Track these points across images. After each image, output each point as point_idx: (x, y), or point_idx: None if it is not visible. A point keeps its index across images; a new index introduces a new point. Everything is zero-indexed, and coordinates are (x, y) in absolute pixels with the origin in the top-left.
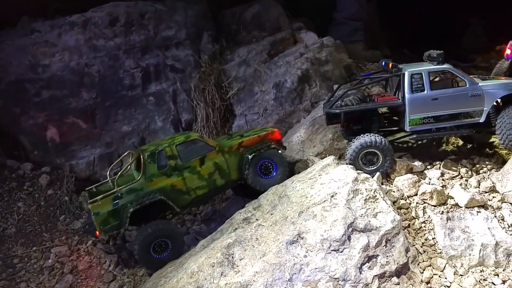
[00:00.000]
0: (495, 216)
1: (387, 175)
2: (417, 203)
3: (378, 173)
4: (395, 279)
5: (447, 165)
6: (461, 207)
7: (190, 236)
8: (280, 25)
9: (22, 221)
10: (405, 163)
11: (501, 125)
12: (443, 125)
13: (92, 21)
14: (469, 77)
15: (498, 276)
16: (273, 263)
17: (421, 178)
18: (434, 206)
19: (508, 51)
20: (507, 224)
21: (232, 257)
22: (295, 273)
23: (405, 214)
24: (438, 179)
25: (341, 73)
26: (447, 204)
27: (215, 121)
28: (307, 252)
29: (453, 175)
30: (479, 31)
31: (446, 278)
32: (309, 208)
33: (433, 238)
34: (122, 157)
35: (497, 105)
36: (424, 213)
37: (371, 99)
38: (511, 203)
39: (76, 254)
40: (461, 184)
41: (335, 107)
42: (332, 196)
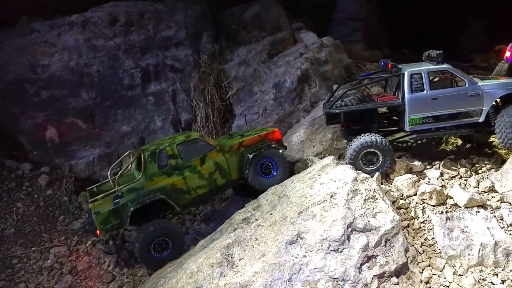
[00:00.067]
0: (494, 216)
1: (387, 175)
2: (416, 203)
3: (377, 173)
4: (394, 279)
5: (446, 165)
6: (460, 207)
7: (190, 236)
8: (280, 25)
9: (21, 221)
10: (404, 163)
11: (500, 124)
12: (442, 125)
13: (91, 21)
14: (469, 77)
15: (497, 276)
16: (272, 263)
17: (420, 178)
18: (434, 206)
19: (508, 54)
20: (506, 224)
21: (232, 257)
22: (294, 273)
23: (404, 214)
24: (437, 179)
25: (340, 73)
26: (447, 204)
27: (215, 121)
28: (306, 252)
29: (453, 175)
30: (479, 31)
31: (445, 278)
32: (308, 208)
33: (432, 238)
34: (123, 157)
35: (496, 104)
36: (423, 213)
37: (370, 99)
38: (510, 203)
39: (75, 255)
40: (460, 184)
41: (335, 107)
42: (332, 196)
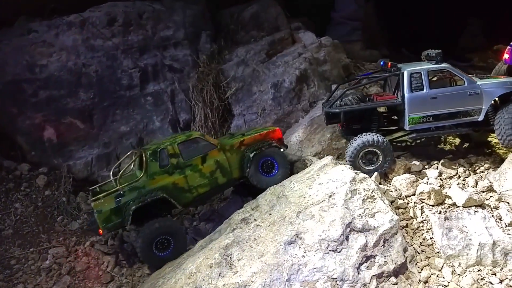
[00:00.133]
0: (492, 216)
1: (385, 175)
2: (415, 202)
3: (376, 173)
4: (393, 279)
5: (445, 164)
6: (458, 206)
7: (189, 236)
8: (278, 25)
9: (19, 222)
10: (403, 162)
11: (499, 121)
12: (442, 124)
13: (89, 21)
14: (468, 76)
15: (496, 275)
16: (271, 263)
17: (419, 177)
18: (432, 205)
19: (506, 56)
20: (505, 224)
21: (230, 257)
22: (293, 274)
23: (403, 214)
24: (436, 178)
25: (339, 73)
26: (445, 203)
27: (214, 121)
28: (305, 253)
29: (451, 174)
30: (477, 31)
31: (444, 278)
32: (307, 208)
33: (431, 238)
34: (125, 157)
35: (495, 103)
36: (422, 213)
37: (370, 99)
38: (508, 203)
39: (74, 255)
40: (458, 184)
41: (335, 106)
42: (330, 196)
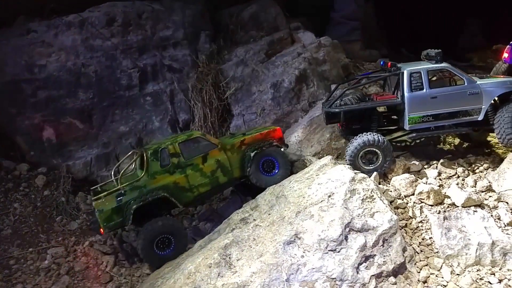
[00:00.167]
0: (491, 216)
1: (384, 175)
2: (414, 202)
3: (375, 173)
4: (392, 278)
5: (444, 164)
6: (457, 206)
7: (188, 236)
8: (277, 25)
9: (18, 222)
10: (402, 162)
11: (499, 120)
12: (442, 124)
13: (89, 21)
14: (467, 75)
15: (495, 275)
16: (270, 263)
17: (418, 177)
18: (431, 205)
19: (505, 55)
20: (503, 223)
21: (229, 257)
22: (292, 274)
23: (402, 213)
24: (435, 178)
25: (338, 72)
26: (444, 203)
27: (213, 121)
28: (304, 252)
29: (450, 174)
30: (476, 30)
31: (443, 278)
32: (306, 208)
33: (430, 238)
34: (126, 157)
35: (494, 103)
36: (421, 213)
37: (370, 98)
38: (507, 202)
39: (73, 255)
40: (457, 184)
41: (335, 106)
42: (329, 196)
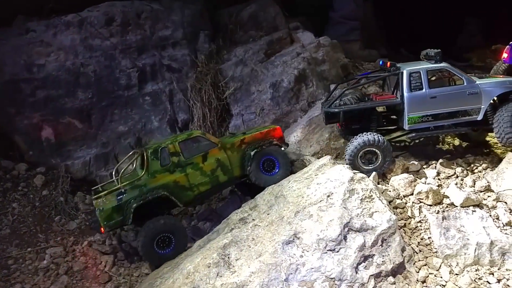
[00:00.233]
0: (490, 215)
1: (383, 175)
2: (413, 202)
3: (374, 173)
4: (391, 278)
5: (442, 164)
6: (456, 206)
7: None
8: (277, 25)
9: (16, 222)
10: (401, 162)
11: (499, 119)
12: (441, 123)
13: (88, 21)
14: (467, 75)
15: (493, 275)
16: (269, 263)
17: (417, 177)
18: (430, 205)
19: (505, 55)
20: (502, 223)
21: (228, 257)
22: (291, 273)
23: (401, 213)
24: (434, 178)
25: (337, 72)
26: (443, 203)
27: (212, 121)
28: (303, 252)
29: (449, 174)
30: (474, 30)
31: (441, 277)
32: (305, 208)
33: (428, 238)
34: (127, 157)
35: (493, 102)
36: (420, 213)
37: (369, 98)
38: (506, 202)
39: (72, 255)
40: (456, 184)
41: (334, 106)
42: (328, 196)
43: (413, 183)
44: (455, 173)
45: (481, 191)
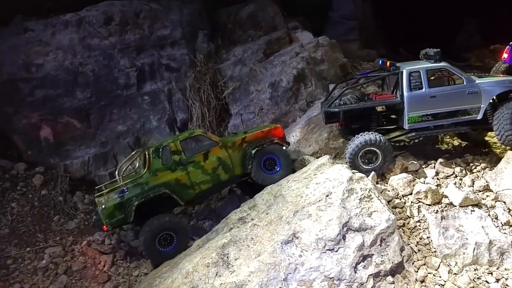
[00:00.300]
0: (489, 215)
1: (382, 174)
2: (412, 202)
3: (373, 173)
4: (389, 278)
5: (441, 164)
6: (455, 206)
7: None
8: (275, 24)
9: (15, 221)
10: (400, 162)
11: (498, 116)
12: (441, 123)
13: (86, 20)
14: (466, 74)
15: (492, 274)
16: (268, 263)
17: (416, 177)
18: (429, 205)
19: (505, 55)
20: (501, 223)
21: (227, 257)
22: (290, 273)
23: (400, 213)
24: (432, 178)
25: (336, 72)
26: (442, 203)
27: (211, 120)
28: (302, 252)
29: (448, 174)
30: (473, 30)
31: (440, 277)
32: (304, 207)
33: (427, 237)
34: (130, 156)
35: (493, 102)
36: (418, 212)
37: (369, 98)
38: (504, 202)
39: (71, 255)
40: (455, 183)
41: (334, 106)
42: (327, 196)
43: (412, 182)
44: (454, 172)
45: (480, 191)
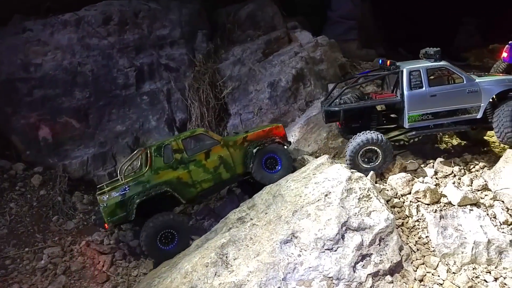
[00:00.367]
0: (487, 214)
1: (381, 174)
2: (410, 201)
3: (371, 172)
4: (388, 277)
5: (440, 163)
6: (454, 205)
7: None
8: (275, 24)
9: (14, 222)
10: (399, 161)
11: (498, 119)
12: (441, 122)
13: (85, 20)
14: (466, 73)
15: (490, 273)
16: (267, 262)
17: (414, 176)
18: (428, 204)
19: (504, 54)
20: (499, 222)
21: (226, 257)
22: (289, 273)
23: (398, 212)
24: (431, 177)
25: (335, 72)
26: (440, 202)
27: (210, 120)
28: (301, 251)
29: (446, 173)
30: (472, 30)
31: (439, 276)
32: (303, 207)
33: (426, 237)
34: (132, 155)
35: (493, 100)
36: (417, 212)
37: (369, 97)
38: (503, 201)
39: (69, 255)
40: (454, 183)
41: (334, 105)
42: (326, 195)
43: (411, 182)
44: (452, 172)
45: (478, 190)
